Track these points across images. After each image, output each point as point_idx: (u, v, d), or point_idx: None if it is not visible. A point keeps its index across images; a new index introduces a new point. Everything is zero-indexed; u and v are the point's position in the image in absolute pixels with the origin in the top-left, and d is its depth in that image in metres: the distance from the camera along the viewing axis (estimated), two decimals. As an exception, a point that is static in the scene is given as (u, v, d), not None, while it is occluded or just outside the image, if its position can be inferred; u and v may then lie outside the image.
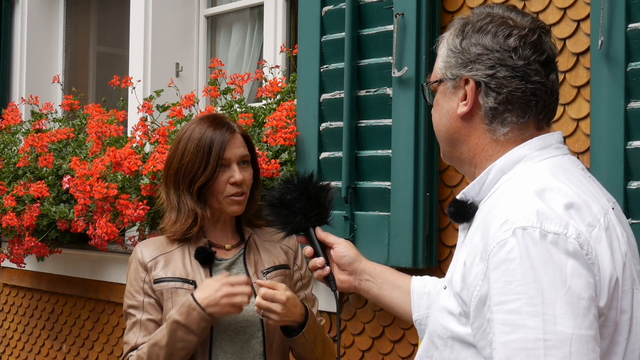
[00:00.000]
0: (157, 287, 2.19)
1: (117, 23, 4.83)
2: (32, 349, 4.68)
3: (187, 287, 2.18)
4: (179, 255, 2.23)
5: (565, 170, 1.47)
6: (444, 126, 1.58)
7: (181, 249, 2.24)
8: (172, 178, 2.25)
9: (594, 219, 1.39)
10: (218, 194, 2.21)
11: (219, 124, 2.24)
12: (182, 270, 2.21)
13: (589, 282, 1.32)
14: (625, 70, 2.35)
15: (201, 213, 2.21)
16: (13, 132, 4.39)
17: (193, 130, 2.23)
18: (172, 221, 2.24)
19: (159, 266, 2.21)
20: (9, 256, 4.02)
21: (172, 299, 2.17)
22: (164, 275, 2.20)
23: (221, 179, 2.20)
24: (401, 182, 2.83)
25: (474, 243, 1.43)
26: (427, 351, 1.55)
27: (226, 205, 2.23)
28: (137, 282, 2.22)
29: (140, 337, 2.17)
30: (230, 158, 2.20)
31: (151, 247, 2.26)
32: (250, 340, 2.20)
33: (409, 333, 2.91)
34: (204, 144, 2.19)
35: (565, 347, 1.28)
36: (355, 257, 1.91)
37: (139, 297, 2.20)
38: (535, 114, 1.50)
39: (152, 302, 2.20)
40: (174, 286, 2.18)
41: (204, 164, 2.18)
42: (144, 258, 2.23)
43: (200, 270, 2.21)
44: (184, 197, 2.22)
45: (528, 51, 1.48)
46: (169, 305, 2.17)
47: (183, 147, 2.23)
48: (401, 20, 2.83)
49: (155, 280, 2.20)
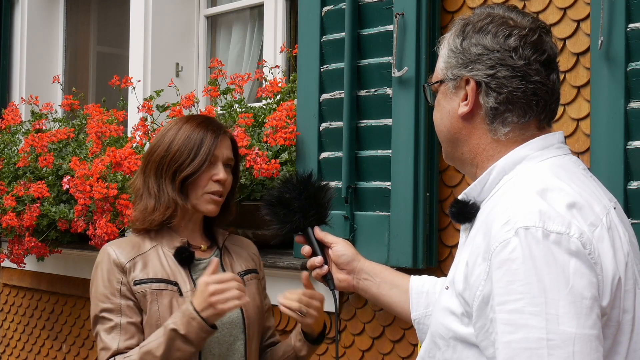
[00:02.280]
0: (138, 289, 2.11)
1: (117, 23, 4.82)
2: (32, 349, 4.68)
3: (171, 288, 2.13)
4: (155, 255, 2.17)
5: (567, 170, 1.47)
6: (445, 126, 1.58)
7: (155, 249, 2.18)
8: (154, 165, 2.19)
9: (596, 219, 1.39)
10: (199, 189, 2.18)
11: (212, 123, 2.24)
12: (162, 271, 2.15)
13: (592, 282, 1.32)
14: (625, 70, 2.35)
15: (182, 204, 2.17)
16: (13, 132, 4.39)
17: (184, 124, 2.21)
18: (150, 209, 2.17)
19: (138, 267, 2.14)
20: (9, 256, 4.02)
21: (158, 300, 2.11)
22: (145, 277, 2.13)
23: (205, 175, 2.17)
24: (401, 182, 2.83)
25: (476, 243, 1.43)
26: (430, 352, 1.54)
27: (203, 203, 2.19)
28: (111, 285, 2.12)
29: (122, 342, 2.08)
30: (218, 156, 2.19)
31: (125, 248, 2.17)
32: (235, 342, 2.20)
33: (409, 333, 2.91)
34: (196, 136, 2.17)
35: (569, 347, 1.28)
36: (354, 256, 1.92)
37: (116, 299, 2.10)
38: (536, 114, 1.51)
39: (130, 304, 2.11)
40: (158, 287, 2.12)
41: (193, 155, 2.16)
42: (119, 259, 2.14)
43: (180, 270, 2.17)
44: (164, 186, 2.17)
45: (528, 51, 1.49)
46: (154, 307, 2.11)
47: (172, 136, 2.19)
48: (401, 20, 2.83)
49: (135, 282, 2.12)
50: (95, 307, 2.14)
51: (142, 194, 2.22)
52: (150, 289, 2.12)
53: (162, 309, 2.11)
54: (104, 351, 2.09)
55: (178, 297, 2.13)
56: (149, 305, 2.11)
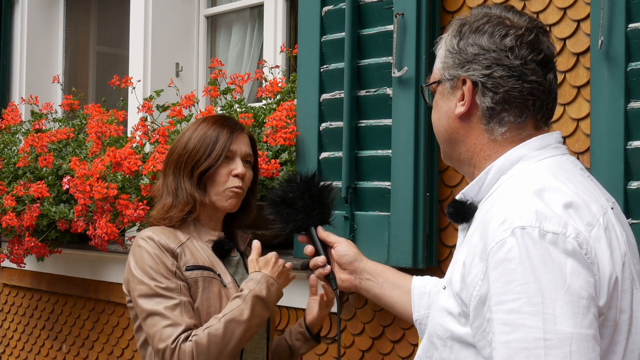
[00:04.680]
0: (191, 275, 2.13)
1: (117, 23, 4.83)
2: (32, 349, 4.68)
3: (218, 278, 2.17)
4: (193, 247, 2.20)
5: (564, 170, 1.47)
6: (442, 127, 1.59)
7: (190, 241, 2.21)
8: (173, 163, 2.25)
9: (593, 219, 1.39)
10: (218, 185, 2.21)
11: (228, 121, 2.29)
12: (207, 260, 2.19)
13: (589, 281, 1.32)
14: (625, 70, 2.35)
15: (200, 199, 2.20)
16: (13, 132, 4.39)
17: (200, 124, 2.27)
18: (167, 207, 2.21)
19: (187, 254, 2.16)
20: (9, 256, 4.02)
21: (209, 288, 2.14)
22: (196, 263, 2.16)
23: (224, 170, 2.21)
24: (401, 182, 2.83)
25: (473, 243, 1.43)
26: (427, 351, 1.55)
27: (223, 198, 2.22)
28: (164, 266, 2.11)
29: (188, 319, 2.07)
30: (235, 151, 2.23)
31: (169, 236, 2.18)
32: (261, 340, 2.27)
33: (409, 333, 2.91)
34: (212, 133, 2.22)
35: (566, 347, 1.28)
36: (356, 256, 1.92)
37: (172, 279, 2.11)
38: (533, 114, 1.51)
39: (186, 286, 2.13)
40: (209, 275, 2.16)
41: (209, 151, 2.20)
42: (169, 244, 2.15)
43: (219, 263, 2.21)
44: (182, 183, 2.21)
45: (525, 51, 1.49)
46: (205, 294, 2.13)
47: (189, 136, 2.25)
48: (401, 20, 2.83)
49: (187, 267, 2.14)
50: (145, 286, 2.10)
51: (162, 193, 2.26)
52: (202, 276, 2.15)
53: (213, 297, 2.15)
54: (173, 327, 2.05)
55: (222, 287, 2.17)
56: (200, 292, 2.14)
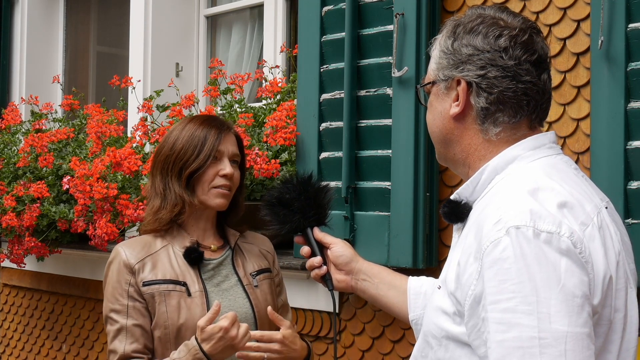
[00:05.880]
0: (147, 290, 2.14)
1: (117, 23, 4.83)
2: (32, 349, 4.68)
3: (179, 289, 2.15)
4: (165, 255, 2.19)
5: (559, 170, 1.48)
6: (437, 127, 1.59)
7: (165, 249, 2.21)
8: (160, 164, 2.23)
9: (587, 218, 1.39)
10: (205, 184, 2.20)
11: (215, 120, 2.27)
12: (172, 271, 2.17)
13: (583, 280, 1.32)
14: (625, 70, 2.35)
15: (189, 200, 2.19)
16: (13, 132, 4.39)
17: (187, 124, 2.25)
18: (156, 208, 2.20)
19: (147, 268, 2.16)
20: (9, 256, 4.02)
21: (165, 302, 2.13)
22: (154, 278, 2.15)
23: (211, 171, 2.20)
24: (401, 182, 2.83)
25: (467, 243, 1.43)
26: (422, 351, 1.55)
27: (212, 197, 2.21)
28: (120, 285, 2.14)
29: (128, 345, 2.11)
30: (223, 151, 2.22)
31: (135, 248, 2.19)
32: None
33: (409, 333, 2.91)
34: (200, 134, 2.20)
35: (561, 345, 1.28)
36: (352, 257, 1.92)
37: (123, 300, 2.13)
38: (527, 114, 1.51)
39: (137, 306, 2.13)
40: (166, 289, 2.14)
41: (197, 152, 2.18)
42: (129, 260, 2.16)
43: (189, 270, 2.19)
44: (171, 184, 2.20)
45: (519, 51, 1.49)
46: (162, 308, 2.13)
47: (176, 136, 2.22)
48: (401, 20, 2.83)
49: (144, 283, 2.14)
50: (105, 307, 2.18)
51: (151, 194, 2.25)
52: (158, 290, 2.14)
53: (170, 310, 2.13)
54: (112, 354, 2.13)
55: (186, 297, 2.15)
56: (157, 306, 2.13)
